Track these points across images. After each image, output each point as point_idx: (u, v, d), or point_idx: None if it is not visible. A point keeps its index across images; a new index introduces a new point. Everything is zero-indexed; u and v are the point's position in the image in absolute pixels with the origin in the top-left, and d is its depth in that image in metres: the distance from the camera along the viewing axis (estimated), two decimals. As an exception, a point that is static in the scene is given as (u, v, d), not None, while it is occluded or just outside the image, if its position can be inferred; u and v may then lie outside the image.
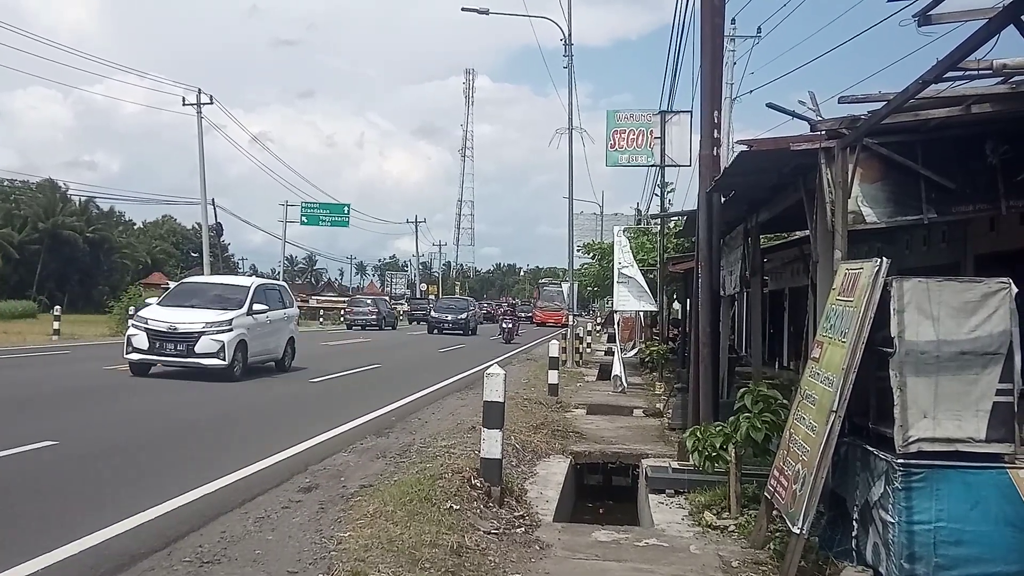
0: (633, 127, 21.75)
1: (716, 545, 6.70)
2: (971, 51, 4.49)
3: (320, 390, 16.41)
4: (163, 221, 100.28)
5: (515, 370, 21.01)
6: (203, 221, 46.78)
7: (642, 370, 22.50)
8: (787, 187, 8.71)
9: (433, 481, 7.48)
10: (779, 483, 6.23)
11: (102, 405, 13.10)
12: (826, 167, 6.59)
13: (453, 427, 11.09)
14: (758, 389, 7.51)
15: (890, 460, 5.27)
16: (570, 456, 10.68)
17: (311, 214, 59.48)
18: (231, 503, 7.05)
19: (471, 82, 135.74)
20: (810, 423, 5.89)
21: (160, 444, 9.95)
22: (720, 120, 10.12)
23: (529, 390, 16.44)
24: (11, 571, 5.16)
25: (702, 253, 9.95)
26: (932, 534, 5.14)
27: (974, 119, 6.29)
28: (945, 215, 6.90)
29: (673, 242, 25.78)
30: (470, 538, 6.23)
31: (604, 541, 6.81)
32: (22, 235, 72.36)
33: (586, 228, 53.81)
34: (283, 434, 10.49)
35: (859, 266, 5.74)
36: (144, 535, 6.08)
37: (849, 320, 5.62)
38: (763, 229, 12.73)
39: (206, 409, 13.05)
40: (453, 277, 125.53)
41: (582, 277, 41.99)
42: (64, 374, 17.29)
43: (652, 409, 15.11)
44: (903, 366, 5.26)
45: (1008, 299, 5.21)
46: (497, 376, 7.77)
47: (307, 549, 5.74)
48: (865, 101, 6.41)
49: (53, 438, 9.45)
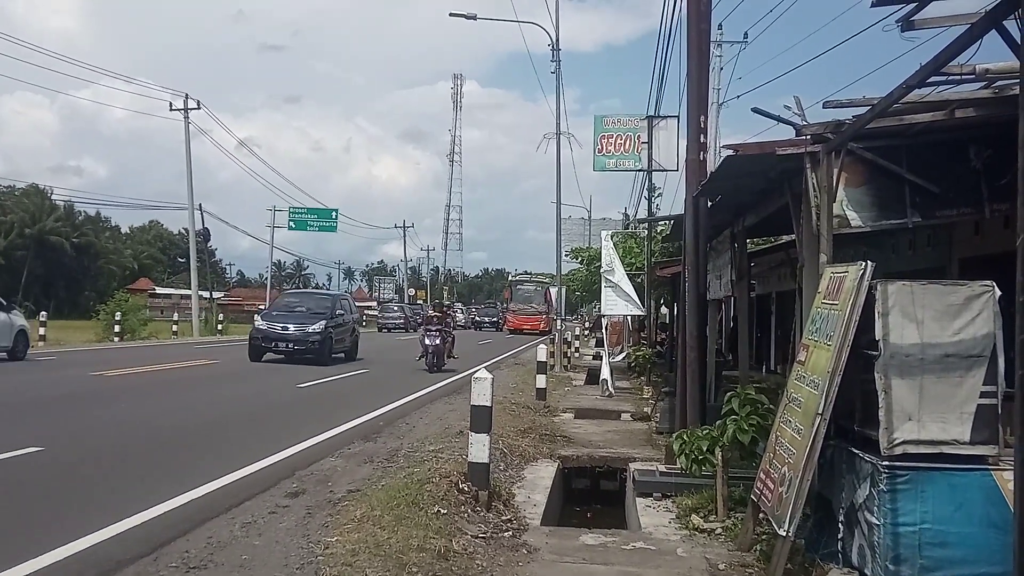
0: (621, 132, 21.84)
1: (703, 548, 6.72)
2: (954, 56, 4.53)
3: (309, 394, 16.38)
4: (150, 226, 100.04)
5: (503, 374, 21.02)
6: (190, 226, 46.63)
7: (630, 374, 22.51)
8: (773, 191, 8.75)
9: (420, 485, 7.48)
10: (765, 486, 6.25)
11: (89, 411, 13.02)
12: (811, 171, 6.63)
13: (441, 432, 11.09)
14: (745, 392, 7.54)
15: (875, 462, 5.29)
16: (558, 460, 10.68)
17: (299, 219, 59.17)
18: (218, 508, 7.03)
19: (459, 87, 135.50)
20: (796, 426, 5.92)
21: (147, 449, 9.90)
22: (707, 125, 10.16)
23: (517, 394, 16.46)
24: (-4, 577, 5.14)
25: (689, 257, 9.99)
26: (917, 536, 5.17)
27: (958, 123, 6.34)
28: (929, 219, 6.95)
29: (660, 246, 25.84)
30: (457, 542, 6.23)
31: (592, 545, 6.81)
32: (8, 241, 72.05)
33: (574, 233, 53.01)
34: (270, 439, 10.46)
35: (844, 270, 5.77)
36: (130, 540, 6.06)
37: (834, 323, 5.65)
38: (750, 233, 12.78)
39: (193, 415, 12.99)
40: (441, 282, 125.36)
41: (570, 282, 41.96)
42: (50, 380, 17.18)
43: (640, 413, 15.12)
44: (888, 369, 5.29)
45: (992, 302, 5.24)
46: (484, 380, 7.78)
47: (294, 554, 5.73)
48: (850, 106, 6.47)
49: (39, 444, 9.41)
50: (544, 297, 57.80)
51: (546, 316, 55.45)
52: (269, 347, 22.88)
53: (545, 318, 55.85)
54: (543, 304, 57.84)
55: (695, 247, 9.86)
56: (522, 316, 58.47)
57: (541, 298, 59.06)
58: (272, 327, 23.29)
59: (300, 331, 22.95)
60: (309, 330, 23.00)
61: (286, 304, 26.15)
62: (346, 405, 14.34)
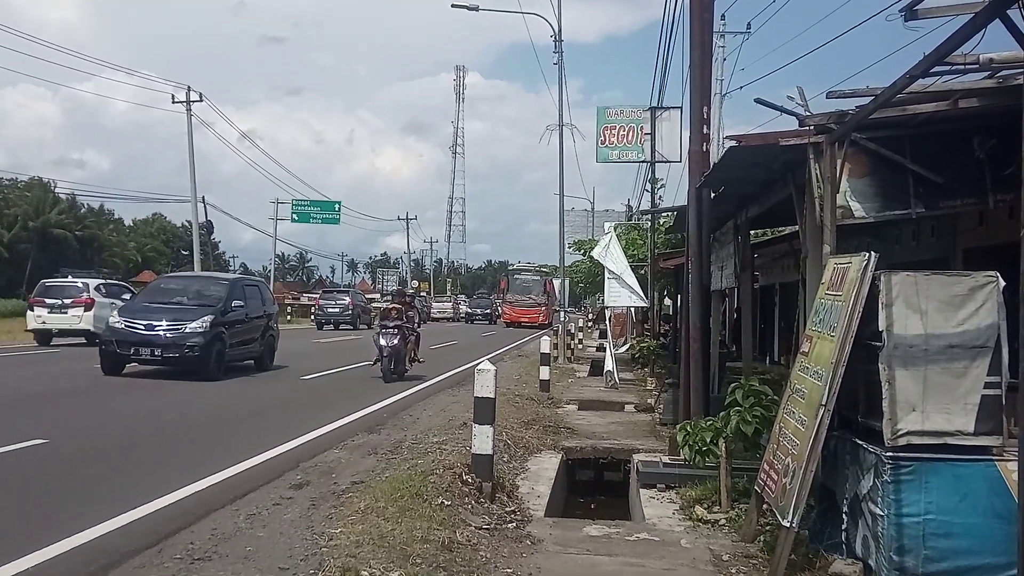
0: (624, 123, 21.83)
1: (707, 539, 6.73)
2: (958, 46, 4.52)
3: (311, 387, 16.41)
4: (153, 219, 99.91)
5: (507, 366, 21.03)
6: (193, 219, 46.70)
7: (633, 366, 22.54)
8: (776, 182, 8.74)
9: (424, 477, 7.49)
10: (769, 477, 6.25)
11: (92, 403, 13.07)
12: (814, 162, 6.61)
13: (444, 423, 11.10)
14: (749, 384, 7.53)
15: (879, 453, 5.29)
16: (561, 452, 10.70)
17: (302, 211, 59.28)
18: (222, 500, 7.04)
19: (461, 79, 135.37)
20: (800, 417, 5.92)
21: (151, 442, 9.93)
22: (710, 116, 10.14)
23: (521, 386, 16.48)
24: (1, 569, 5.15)
25: (692, 249, 9.98)
26: (921, 526, 5.16)
27: (961, 114, 6.32)
28: (933, 209, 6.93)
29: (664, 238, 25.82)
30: (461, 533, 6.23)
31: (595, 536, 6.83)
32: (12, 233, 72.09)
33: (577, 225, 52.54)
34: (274, 432, 10.48)
35: (847, 260, 5.76)
36: (135, 533, 6.07)
37: (838, 314, 5.64)
38: (753, 224, 12.76)
39: (197, 408, 13.03)
40: (444, 274, 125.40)
41: (573, 273, 41.94)
42: (54, 373, 17.24)
43: (643, 405, 15.15)
44: (891, 360, 5.28)
45: (996, 292, 5.23)
46: (488, 372, 7.79)
47: (298, 545, 5.74)
48: (853, 96, 6.43)
49: (43, 436, 9.45)
50: (544, 288, 55.22)
51: (546, 308, 52.59)
52: (127, 355, 16.28)
53: (545, 310, 53.06)
54: (543, 295, 54.73)
55: (698, 238, 9.85)
56: (520, 308, 54.03)
57: (541, 288, 55.76)
58: (132, 326, 16.43)
59: (173, 332, 16.23)
60: (187, 330, 16.23)
61: (160, 292, 18.62)
62: (347, 397, 14.34)
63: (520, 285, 56.51)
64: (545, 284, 54.65)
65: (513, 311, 53.88)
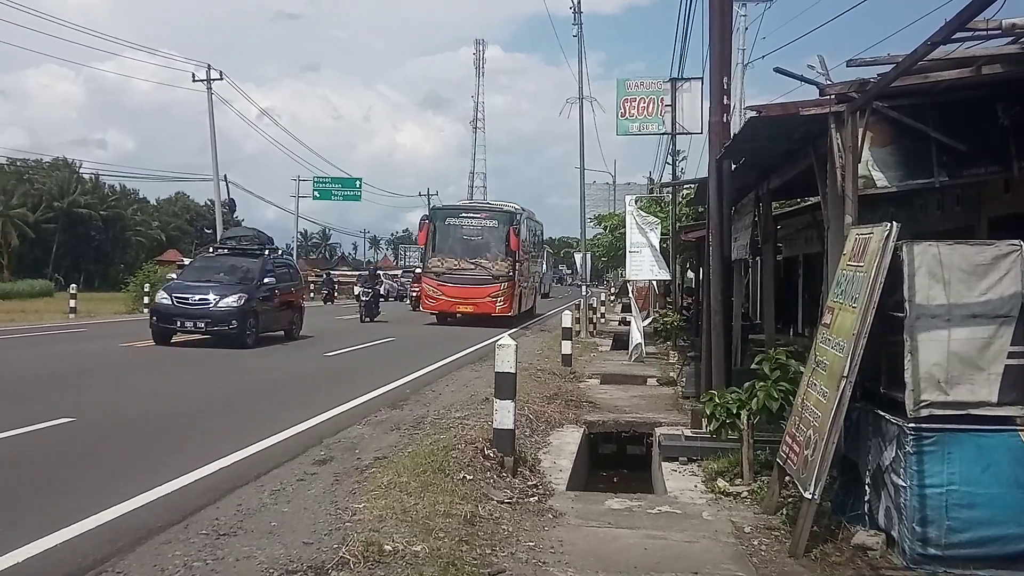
0: (644, 95, 21.74)
1: (729, 511, 6.73)
2: (980, 11, 4.44)
3: (334, 363, 16.52)
4: (176, 198, 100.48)
5: (529, 341, 21.10)
6: (216, 197, 46.90)
7: (656, 339, 22.48)
8: (798, 153, 8.65)
9: (447, 452, 7.53)
10: (791, 449, 6.24)
11: (119, 382, 13.22)
12: (836, 132, 6.53)
13: (467, 399, 11.15)
14: (776, 356, 7.48)
15: (902, 424, 5.27)
16: (584, 426, 10.71)
17: (323, 188, 59.35)
18: (247, 476, 7.12)
19: (481, 52, 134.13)
20: (822, 389, 5.89)
21: (176, 419, 10.05)
22: (730, 86, 10.02)
23: (543, 361, 16.51)
24: (31, 544, 5.24)
25: (713, 221, 9.90)
26: (944, 497, 5.15)
27: (985, 80, 6.21)
28: (957, 178, 6.84)
29: (685, 210, 25.68)
30: (483, 508, 6.28)
31: (617, 509, 6.85)
32: (37, 214, 72.76)
33: (598, 198, 52.18)
34: (298, 408, 10.57)
35: (869, 231, 5.71)
36: (161, 509, 6.16)
37: (860, 285, 5.60)
38: (775, 195, 12.66)
39: (221, 384, 13.15)
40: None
41: (595, 247, 41.84)
42: (81, 352, 17.43)
43: (665, 378, 15.12)
44: (914, 330, 5.24)
45: (1019, 261, 5.17)
46: (508, 347, 7.80)
47: (322, 520, 5.80)
48: (874, 64, 6.34)
49: (70, 415, 9.56)
50: (507, 241, 28.59)
51: (508, 283, 28.46)
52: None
53: (507, 287, 28.40)
54: (502, 257, 28.47)
55: (719, 210, 9.77)
56: (455, 284, 28.29)
57: (500, 244, 28.60)
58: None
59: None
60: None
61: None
62: (371, 373, 14.40)
63: (458, 238, 29.19)
64: (508, 234, 28.73)
65: (442, 290, 28.49)
